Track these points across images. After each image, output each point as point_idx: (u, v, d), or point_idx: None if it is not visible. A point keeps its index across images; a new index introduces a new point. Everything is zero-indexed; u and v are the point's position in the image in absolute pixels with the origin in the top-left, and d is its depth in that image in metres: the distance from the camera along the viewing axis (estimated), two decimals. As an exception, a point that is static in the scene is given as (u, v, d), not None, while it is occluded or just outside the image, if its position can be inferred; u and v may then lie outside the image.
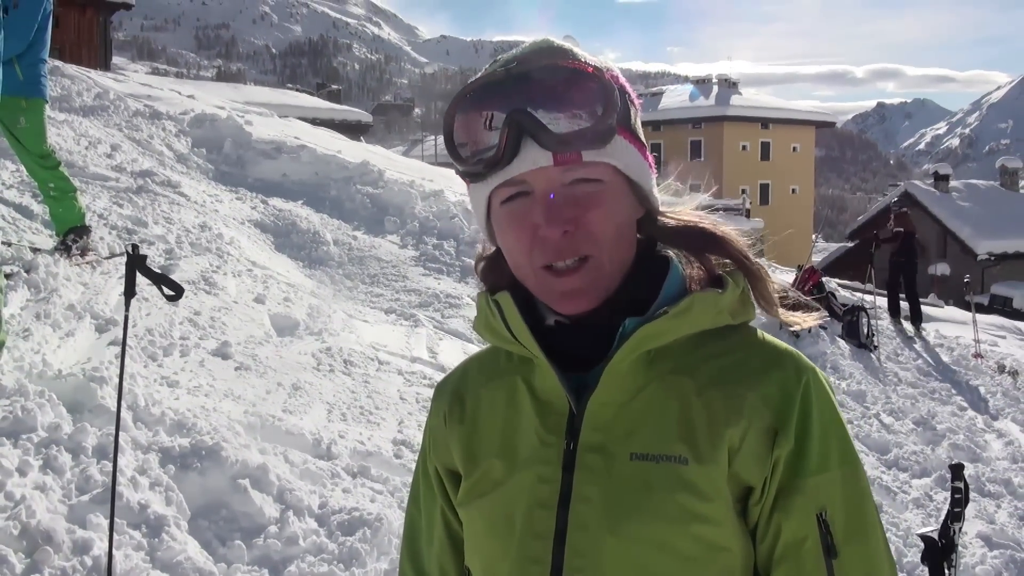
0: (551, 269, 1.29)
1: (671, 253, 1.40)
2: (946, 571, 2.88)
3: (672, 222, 1.41)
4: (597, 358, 1.32)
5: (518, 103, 1.26)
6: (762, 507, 1.28)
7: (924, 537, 2.91)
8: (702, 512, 1.25)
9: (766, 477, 1.27)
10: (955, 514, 3.03)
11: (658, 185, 1.42)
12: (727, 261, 1.38)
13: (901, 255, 15.97)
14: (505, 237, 1.34)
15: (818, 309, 1.51)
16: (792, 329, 11.37)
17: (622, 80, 1.34)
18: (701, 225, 1.40)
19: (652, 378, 1.31)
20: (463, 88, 1.33)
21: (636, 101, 1.37)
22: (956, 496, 3.09)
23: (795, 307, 1.43)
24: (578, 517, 1.28)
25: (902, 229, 16.09)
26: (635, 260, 1.36)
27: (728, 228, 1.40)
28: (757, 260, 1.39)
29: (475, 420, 1.45)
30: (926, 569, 2.96)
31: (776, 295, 1.39)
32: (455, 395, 1.51)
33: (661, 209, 1.41)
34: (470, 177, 1.35)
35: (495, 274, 1.46)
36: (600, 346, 1.32)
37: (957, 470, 3.22)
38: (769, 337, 1.37)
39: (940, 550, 2.88)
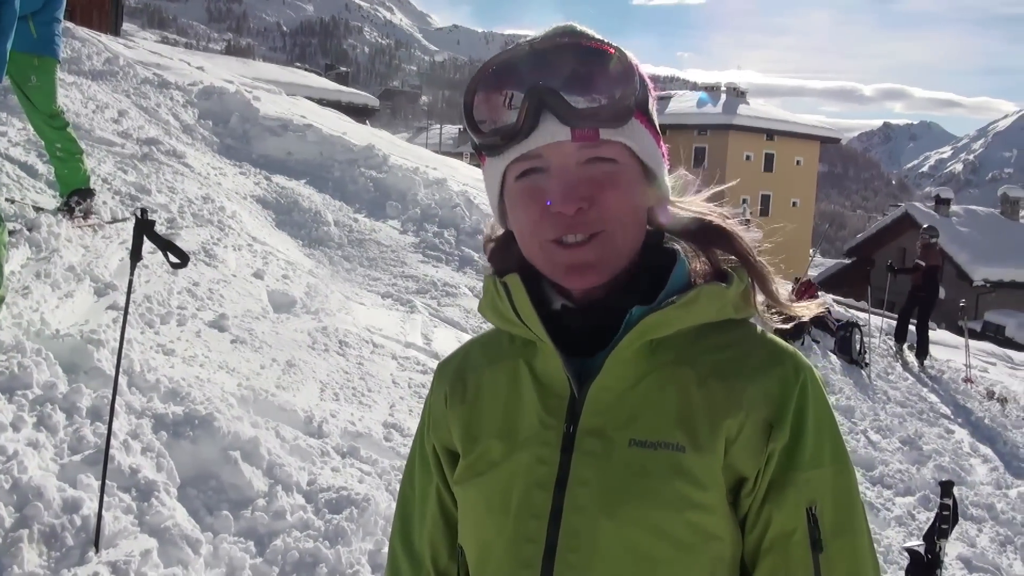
0: (560, 243, 1.30)
1: (677, 245, 1.42)
2: (930, 586, 2.90)
3: (681, 213, 1.42)
4: (599, 345, 1.34)
5: (539, 78, 1.28)
6: (754, 498, 1.30)
7: (910, 551, 2.94)
8: (697, 499, 1.27)
9: (759, 469, 1.29)
10: (942, 530, 3.05)
11: (669, 175, 1.43)
12: (732, 257, 1.40)
13: (922, 290, 15.36)
14: (517, 212, 1.35)
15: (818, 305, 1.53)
16: (785, 338, 11.42)
17: (641, 68, 1.35)
18: (709, 219, 1.41)
19: (654, 367, 1.33)
20: (486, 63, 1.35)
21: (653, 90, 1.38)
22: (944, 512, 3.11)
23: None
24: (575, 499, 1.30)
25: (924, 263, 15.39)
26: (642, 249, 1.38)
27: (736, 223, 1.42)
28: (761, 258, 1.41)
29: (476, 401, 1.47)
30: (910, 584, 2.99)
31: (780, 291, 1.41)
32: (457, 375, 1.53)
33: (672, 199, 1.43)
34: (487, 150, 1.36)
35: (503, 256, 1.47)
36: (603, 333, 1.34)
37: (947, 487, 3.25)
38: (769, 334, 1.40)
39: (925, 565, 2.90)
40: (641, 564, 1.28)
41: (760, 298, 1.40)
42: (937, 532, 3.02)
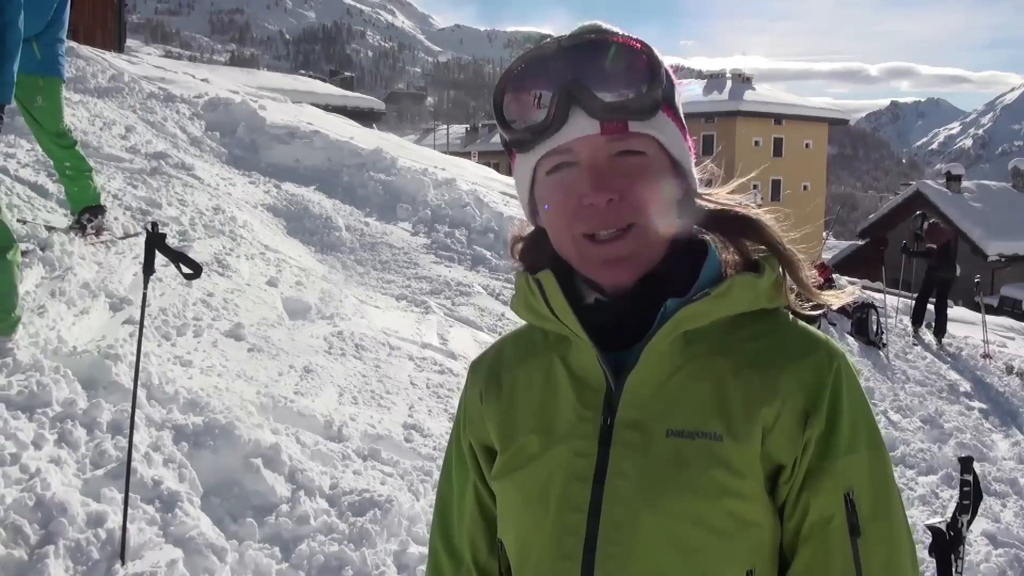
0: (593, 238, 1.32)
1: (708, 237, 1.43)
2: (953, 562, 2.91)
3: (710, 204, 1.44)
4: (634, 338, 1.35)
5: (568, 74, 1.30)
6: (791, 485, 1.31)
7: (932, 528, 2.93)
8: (735, 488, 1.28)
9: (796, 457, 1.30)
10: (963, 506, 3.05)
11: (696, 167, 1.45)
12: (762, 247, 1.41)
13: (940, 270, 15.31)
14: (548, 207, 1.37)
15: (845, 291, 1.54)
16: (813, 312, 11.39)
17: (666, 63, 1.36)
18: (738, 210, 1.43)
19: (689, 358, 1.34)
20: (515, 60, 1.37)
21: (679, 84, 1.40)
22: (965, 489, 3.11)
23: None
24: (614, 491, 1.31)
25: (935, 245, 15.40)
26: (673, 242, 1.38)
27: (763, 213, 1.43)
28: (791, 247, 1.41)
29: (511, 397, 1.48)
30: (933, 561, 2.99)
31: (810, 280, 1.42)
32: (491, 372, 1.54)
33: (699, 191, 1.44)
34: (517, 146, 1.38)
35: (533, 253, 1.49)
36: (637, 326, 1.35)
37: (966, 463, 3.25)
38: (801, 323, 1.40)
39: (948, 542, 2.90)
40: (681, 553, 1.29)
41: (791, 286, 1.41)
42: (959, 508, 3.02)
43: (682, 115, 1.40)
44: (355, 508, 4.44)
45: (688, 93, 60.43)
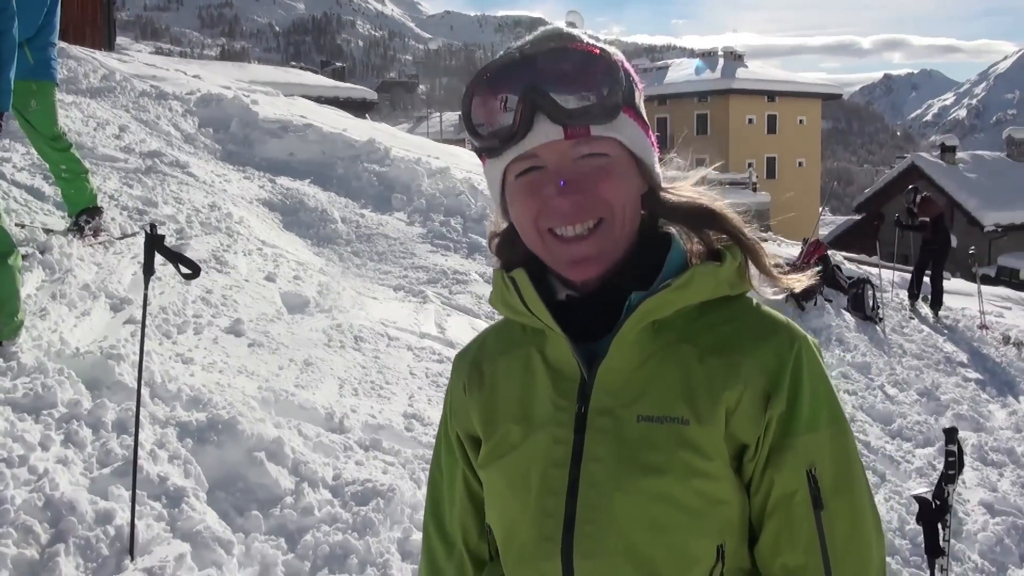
0: (560, 237, 1.39)
1: (672, 230, 1.51)
2: (940, 531, 2.98)
3: (673, 198, 1.50)
4: (605, 329, 1.43)
5: (531, 82, 1.36)
6: (756, 463, 1.39)
7: (918, 498, 3.01)
8: (703, 468, 1.36)
9: (759, 436, 1.38)
10: (949, 476, 3.12)
11: (660, 163, 1.52)
12: (724, 236, 1.47)
13: (934, 242, 15.38)
14: (517, 208, 1.44)
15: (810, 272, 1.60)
16: (798, 300, 11.49)
17: (626, 64, 1.43)
18: (700, 201, 1.49)
19: (658, 346, 1.42)
20: (480, 70, 1.43)
21: (639, 84, 1.47)
22: (950, 459, 3.18)
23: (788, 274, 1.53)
24: (589, 474, 1.40)
25: (928, 219, 15.44)
26: (639, 235, 1.46)
27: (725, 204, 1.50)
28: (752, 235, 1.48)
29: (493, 388, 1.56)
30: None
31: (772, 265, 1.49)
32: (474, 365, 1.62)
33: (663, 185, 1.51)
34: (487, 152, 1.45)
35: (509, 250, 1.56)
36: (608, 318, 1.43)
37: (951, 434, 3.32)
38: (764, 307, 1.48)
39: (934, 511, 2.98)
40: (654, 531, 1.37)
41: (755, 272, 1.48)
42: (944, 478, 3.10)
43: (644, 114, 1.47)
44: (358, 498, 4.51)
45: (686, 72, 60.32)
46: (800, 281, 1.52)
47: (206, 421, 4.68)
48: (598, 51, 1.39)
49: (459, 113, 1.51)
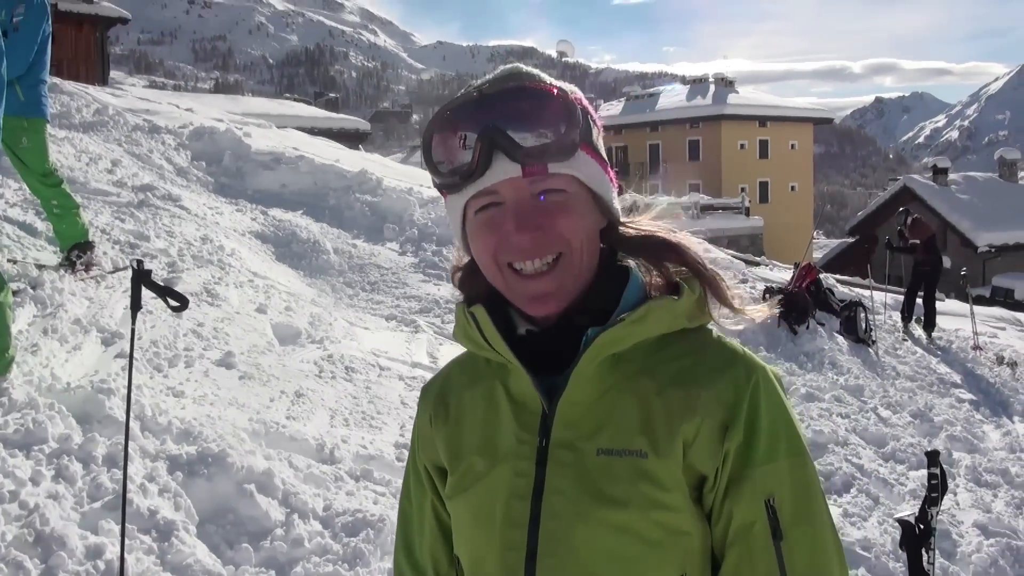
0: (519, 272, 1.42)
1: (631, 263, 1.53)
2: (924, 555, 2.99)
3: (632, 231, 1.53)
4: (566, 362, 1.44)
5: (490, 121, 1.39)
6: (715, 494, 1.40)
7: (901, 522, 3.02)
8: (662, 500, 1.38)
9: (718, 467, 1.39)
10: (932, 499, 3.14)
11: (618, 197, 1.54)
12: (683, 268, 1.50)
13: (926, 264, 15.44)
14: (477, 243, 1.47)
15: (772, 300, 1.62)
16: (791, 324, 11.49)
17: (584, 102, 1.46)
18: (659, 234, 1.52)
19: (617, 379, 1.44)
20: (440, 108, 1.46)
21: (598, 121, 1.50)
22: (932, 482, 3.19)
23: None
24: (550, 507, 1.41)
25: (918, 241, 15.56)
26: (598, 270, 1.48)
27: (684, 236, 1.52)
28: (712, 266, 1.51)
29: (458, 420, 1.58)
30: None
31: (732, 296, 1.51)
32: (439, 397, 1.64)
33: (622, 220, 1.54)
34: (447, 188, 1.48)
35: (470, 284, 1.59)
36: (567, 351, 1.44)
37: (933, 457, 3.33)
38: (724, 339, 1.49)
39: (918, 535, 2.99)
40: (615, 563, 1.38)
41: (715, 304, 1.50)
42: (927, 501, 3.11)
43: (602, 150, 1.49)
44: (348, 529, 4.52)
45: (677, 98, 60.55)
46: (761, 312, 1.54)
47: (196, 454, 4.69)
48: (555, 91, 1.41)
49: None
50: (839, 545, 1.43)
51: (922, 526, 3.01)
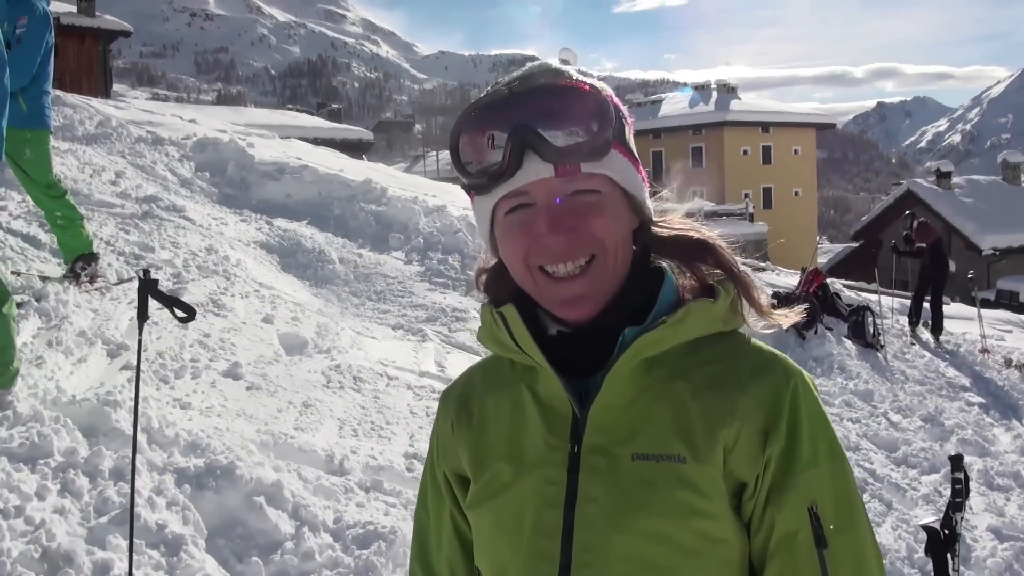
0: (551, 275, 1.37)
1: (664, 264, 1.48)
2: (950, 561, 2.93)
3: (665, 232, 1.48)
4: (597, 365, 1.39)
5: (521, 119, 1.34)
6: (755, 502, 1.35)
7: (927, 528, 2.96)
8: (701, 507, 1.32)
9: (759, 474, 1.34)
10: (957, 504, 3.08)
11: (651, 197, 1.49)
12: (716, 270, 1.45)
13: (932, 268, 15.50)
14: (506, 245, 1.41)
15: (801, 304, 1.58)
16: (799, 330, 11.44)
17: (615, 99, 1.41)
18: (692, 234, 1.47)
19: (650, 383, 1.38)
20: (468, 107, 1.41)
21: (629, 119, 1.45)
22: (956, 487, 3.14)
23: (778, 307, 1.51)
24: (584, 516, 1.35)
25: (924, 244, 15.60)
26: (630, 270, 1.43)
27: (716, 236, 1.48)
28: (744, 268, 1.46)
29: (482, 426, 1.52)
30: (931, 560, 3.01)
31: (763, 299, 1.46)
32: (461, 402, 1.58)
33: (654, 219, 1.49)
34: (475, 190, 1.43)
35: (497, 286, 1.53)
36: (600, 354, 1.39)
37: (957, 461, 3.28)
38: (758, 342, 1.45)
39: (943, 541, 2.93)
40: (652, 573, 1.32)
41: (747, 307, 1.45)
42: (951, 506, 3.05)
43: (634, 149, 1.44)
44: (359, 541, 4.46)
45: (680, 105, 60.55)
46: (789, 317, 1.49)
47: (204, 466, 4.64)
48: (587, 88, 1.37)
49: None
50: (879, 551, 1.39)
51: (947, 532, 2.95)
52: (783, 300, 12.48)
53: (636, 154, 1.45)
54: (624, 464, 1.35)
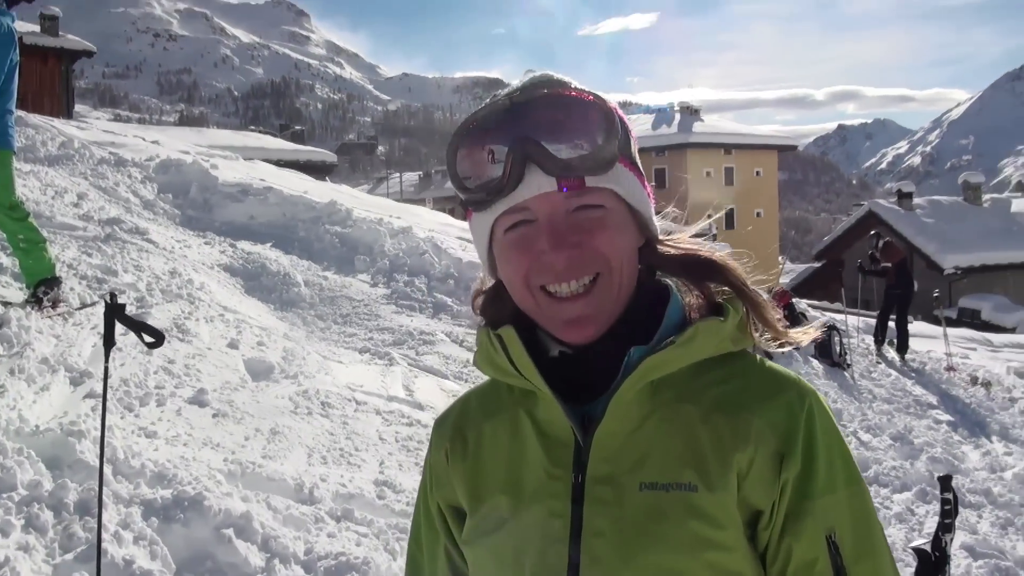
0: (554, 295, 1.30)
1: (669, 282, 1.41)
2: (939, 585, 2.90)
3: (671, 250, 1.42)
4: (600, 389, 1.32)
5: (522, 131, 1.27)
6: (771, 531, 1.28)
7: (917, 550, 2.92)
8: (715, 539, 1.25)
9: (774, 501, 1.27)
10: (946, 525, 3.04)
11: (657, 214, 1.43)
12: (724, 289, 1.39)
13: (897, 287, 15.63)
14: (506, 264, 1.35)
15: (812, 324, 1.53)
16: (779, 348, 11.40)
17: (620, 111, 1.35)
18: (700, 253, 1.41)
19: (656, 407, 1.31)
20: (466, 119, 1.34)
21: (633, 133, 1.38)
22: (946, 507, 3.10)
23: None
24: (591, 550, 1.28)
25: (890, 264, 15.77)
26: (636, 288, 1.37)
27: (726, 255, 1.42)
28: (755, 287, 1.40)
29: (478, 455, 1.45)
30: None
31: (775, 319, 1.40)
32: (456, 430, 1.50)
33: (660, 237, 1.43)
34: (473, 205, 1.36)
35: (495, 308, 1.45)
36: (602, 376, 1.32)
37: (946, 481, 3.25)
38: (769, 363, 1.38)
39: (934, 563, 2.89)
40: None
41: (756, 327, 1.39)
42: (941, 527, 3.01)
43: (639, 163, 1.38)
44: (331, 573, 4.35)
45: (643, 127, 60.91)
46: (807, 334, 1.44)
47: (171, 498, 4.52)
48: (592, 98, 1.30)
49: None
50: (898, 574, 1.33)
51: (937, 554, 2.91)
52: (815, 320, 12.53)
53: (641, 169, 1.39)
54: (631, 494, 1.28)
